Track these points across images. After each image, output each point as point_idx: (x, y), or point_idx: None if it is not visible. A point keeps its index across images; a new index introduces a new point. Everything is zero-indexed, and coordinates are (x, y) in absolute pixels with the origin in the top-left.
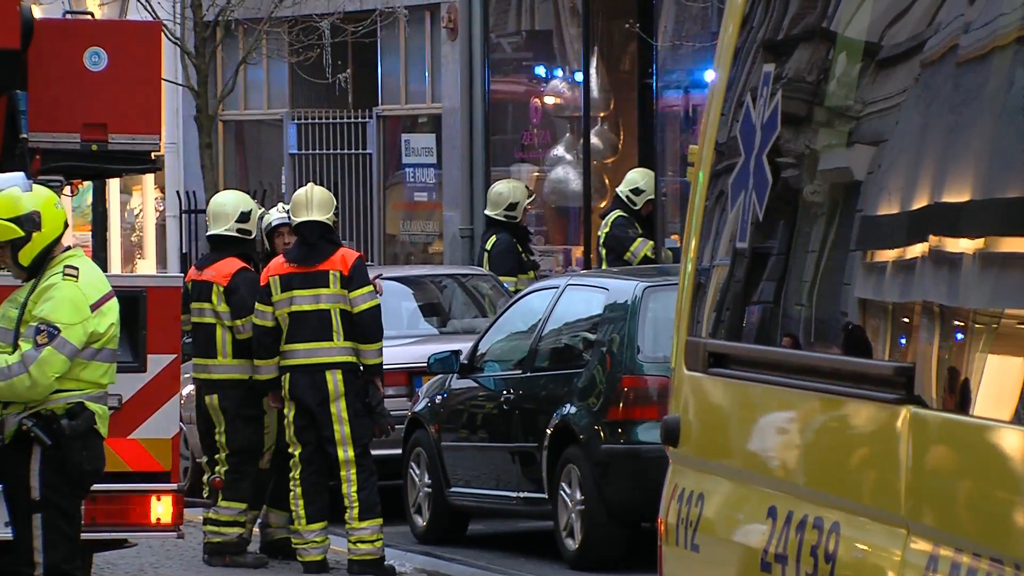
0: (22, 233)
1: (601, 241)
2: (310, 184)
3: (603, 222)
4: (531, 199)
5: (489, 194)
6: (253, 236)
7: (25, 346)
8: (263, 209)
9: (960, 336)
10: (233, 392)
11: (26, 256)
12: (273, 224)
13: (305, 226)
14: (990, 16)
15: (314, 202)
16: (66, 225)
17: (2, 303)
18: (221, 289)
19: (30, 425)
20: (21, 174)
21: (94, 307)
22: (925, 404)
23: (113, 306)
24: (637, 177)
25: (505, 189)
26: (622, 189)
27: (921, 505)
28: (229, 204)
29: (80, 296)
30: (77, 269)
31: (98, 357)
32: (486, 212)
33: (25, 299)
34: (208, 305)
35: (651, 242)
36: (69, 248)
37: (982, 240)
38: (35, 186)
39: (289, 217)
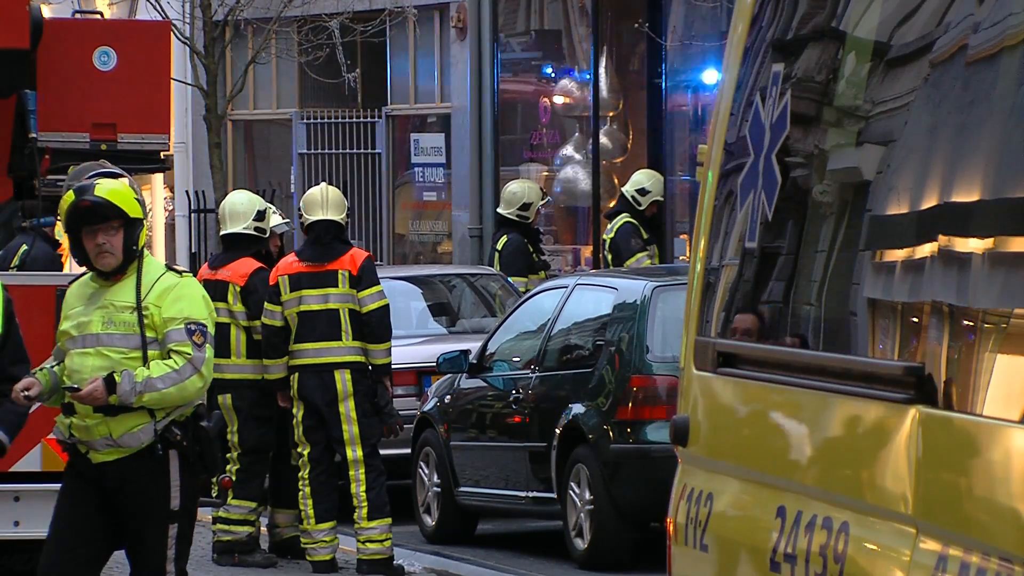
0: (143, 215)
1: (606, 246)
2: (324, 183)
3: (609, 225)
4: (545, 201)
5: (503, 192)
6: (268, 235)
7: (184, 347)
8: (274, 208)
9: (969, 336)
10: (247, 392)
11: (139, 241)
12: (281, 233)
13: (319, 224)
14: (999, 16)
15: (329, 202)
16: None
17: (84, 309)
18: (237, 289)
19: (179, 435)
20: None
21: None
22: (934, 404)
23: None
24: (643, 178)
25: (520, 189)
26: (628, 189)
27: (930, 505)
28: (246, 203)
29: (204, 292)
30: (177, 264)
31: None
32: (498, 210)
33: (136, 302)
34: (223, 305)
35: (649, 259)
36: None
37: (991, 240)
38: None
39: (298, 217)
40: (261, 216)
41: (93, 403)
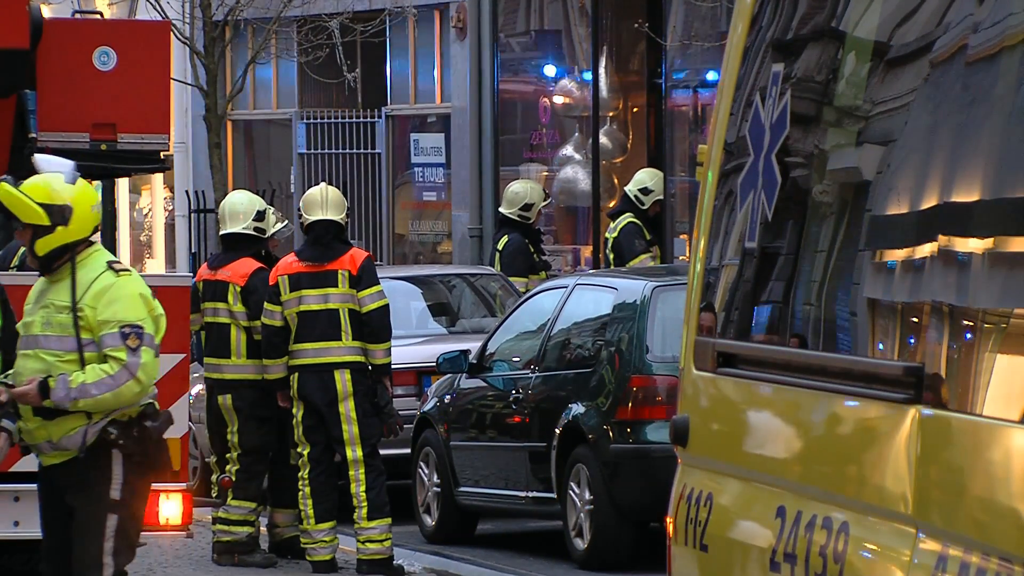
0: (47, 222)
1: (609, 246)
2: (324, 184)
3: (612, 224)
4: (547, 202)
5: (505, 192)
6: (268, 235)
7: (118, 353)
8: (272, 209)
9: (969, 336)
10: (247, 392)
11: (42, 247)
12: (281, 238)
13: (319, 224)
14: (999, 16)
15: (329, 202)
16: (95, 230)
17: (32, 308)
18: (238, 289)
19: (115, 434)
20: (72, 163)
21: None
22: (934, 404)
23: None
24: (646, 177)
25: (522, 189)
26: (631, 189)
27: (930, 505)
28: (245, 203)
29: (144, 288)
30: (119, 262)
31: (159, 352)
32: (500, 210)
33: (72, 302)
34: (223, 305)
35: (652, 259)
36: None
37: (991, 240)
38: (82, 181)
39: (298, 217)
40: (261, 216)
41: (24, 404)
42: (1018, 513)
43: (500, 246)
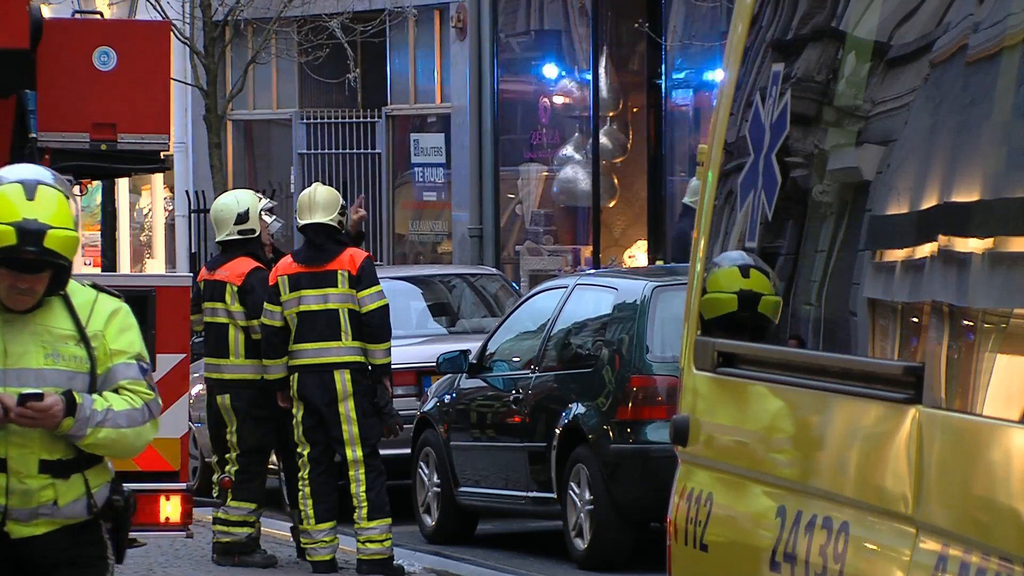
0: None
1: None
2: (315, 185)
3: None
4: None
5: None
6: (257, 233)
7: (139, 387)
8: (267, 200)
9: (969, 336)
10: (245, 392)
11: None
12: (273, 232)
13: (309, 228)
14: (999, 16)
15: (319, 204)
16: None
17: (5, 331)
18: (235, 289)
19: (121, 500)
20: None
21: None
22: (934, 404)
23: None
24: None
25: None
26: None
27: (930, 505)
28: (225, 209)
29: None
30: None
31: None
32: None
33: (78, 330)
34: (221, 305)
35: None
36: None
37: (991, 240)
38: (55, 175)
39: (295, 220)
40: (243, 219)
41: (36, 424)
42: (1018, 513)
43: None
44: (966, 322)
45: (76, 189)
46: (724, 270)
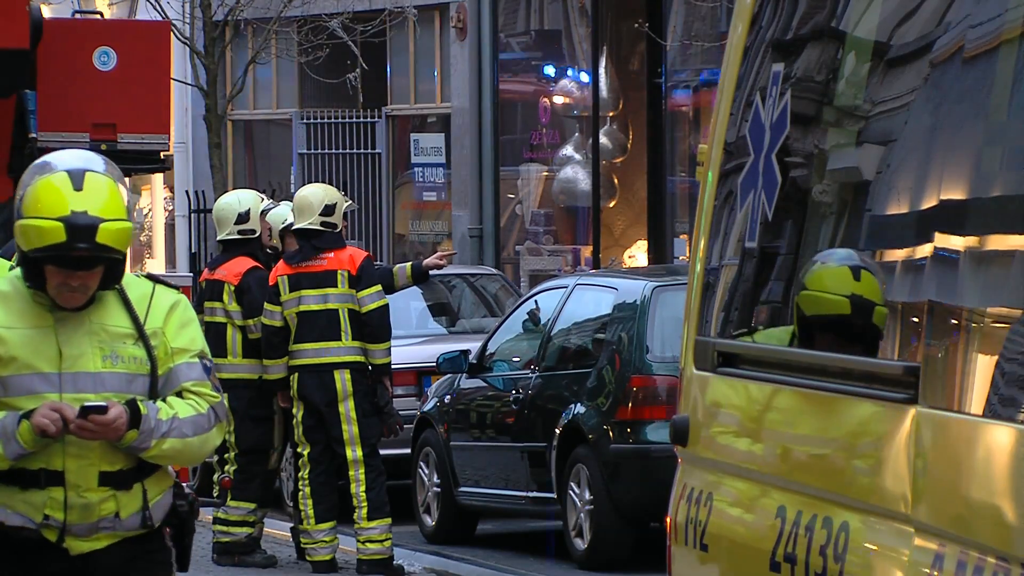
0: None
1: None
2: (304, 186)
3: None
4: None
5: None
6: (257, 234)
7: (204, 388)
8: (269, 201)
9: (968, 336)
10: (243, 392)
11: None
12: (284, 224)
13: (297, 232)
14: (999, 16)
15: (299, 209)
16: None
17: (58, 330)
18: (232, 288)
19: (185, 505)
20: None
21: None
22: (934, 404)
23: None
24: None
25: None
26: None
27: (929, 505)
28: (227, 208)
29: None
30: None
31: None
32: None
33: (136, 327)
34: (219, 304)
35: None
36: None
37: (991, 240)
38: (105, 160)
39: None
40: (243, 219)
41: (96, 437)
42: (1016, 513)
43: None
44: (965, 322)
45: None
46: (831, 268)
